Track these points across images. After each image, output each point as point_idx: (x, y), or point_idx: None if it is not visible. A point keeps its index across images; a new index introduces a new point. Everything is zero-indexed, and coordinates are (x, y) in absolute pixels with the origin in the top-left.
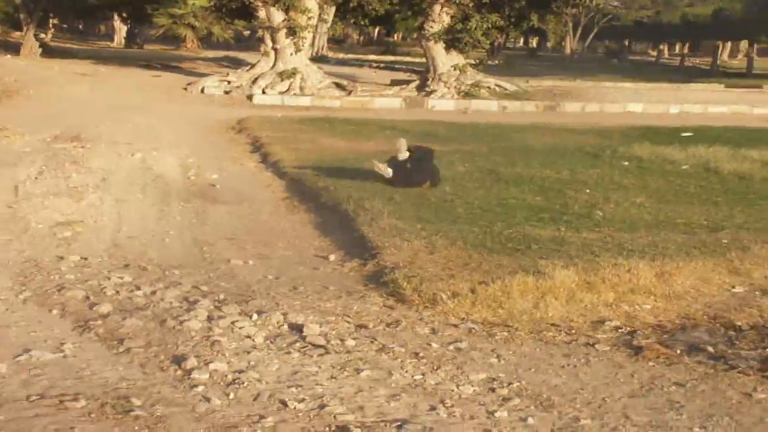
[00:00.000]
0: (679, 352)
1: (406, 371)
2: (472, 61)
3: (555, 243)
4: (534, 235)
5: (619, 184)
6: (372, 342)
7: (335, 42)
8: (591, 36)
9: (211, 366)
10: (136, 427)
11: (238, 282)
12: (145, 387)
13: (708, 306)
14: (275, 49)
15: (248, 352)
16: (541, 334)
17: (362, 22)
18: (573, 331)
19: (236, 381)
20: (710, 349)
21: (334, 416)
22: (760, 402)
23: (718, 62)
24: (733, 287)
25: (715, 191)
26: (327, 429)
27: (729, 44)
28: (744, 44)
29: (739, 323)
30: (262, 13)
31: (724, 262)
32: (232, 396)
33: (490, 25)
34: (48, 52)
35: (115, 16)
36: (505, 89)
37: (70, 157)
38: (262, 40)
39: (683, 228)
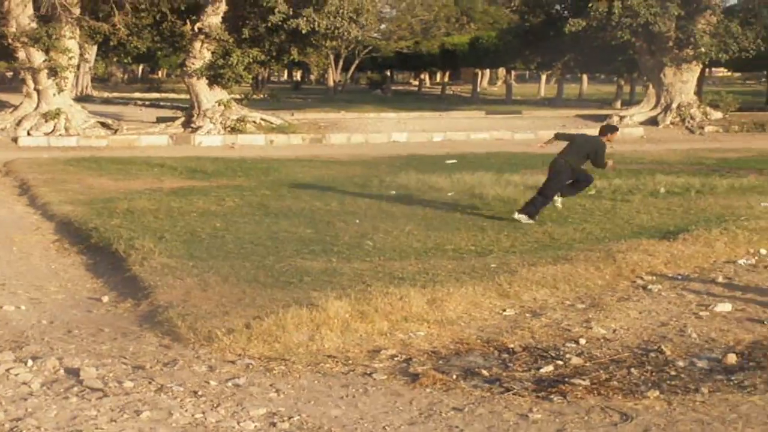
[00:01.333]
0: (455, 377)
1: (186, 410)
2: (237, 96)
3: (327, 274)
4: (306, 268)
5: (387, 213)
6: (150, 383)
7: (100, 81)
8: (353, 68)
9: None
10: None
11: (11, 328)
12: None
13: (481, 330)
14: (38, 90)
15: (25, 399)
16: (318, 366)
17: (125, 60)
18: (350, 362)
19: (14, 429)
20: (485, 372)
21: None
22: (536, 422)
23: (479, 90)
24: (504, 310)
25: (482, 217)
26: None
27: (488, 72)
28: (502, 71)
29: (512, 345)
30: (21, 54)
31: (494, 286)
32: None
33: (251, 60)
34: None
35: None
36: (271, 123)
37: None
38: (24, 81)
39: (452, 254)
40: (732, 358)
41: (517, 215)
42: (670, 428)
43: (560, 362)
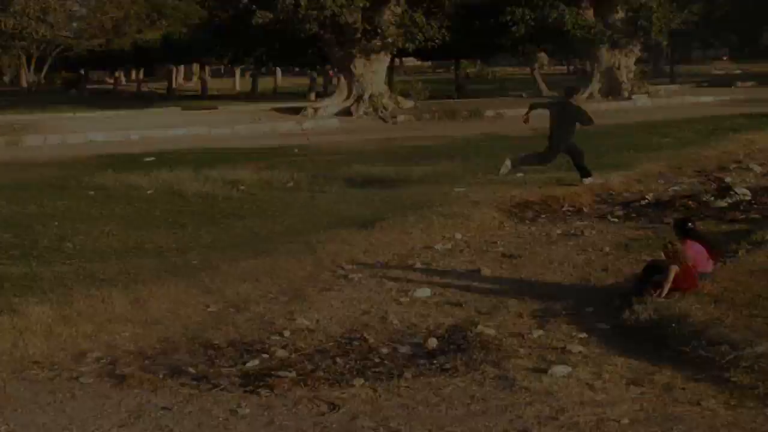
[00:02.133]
0: (162, 376)
1: None
2: None
3: (27, 279)
4: (5, 273)
5: (87, 215)
6: None
7: None
8: (46, 67)
9: None
10: None
11: None
12: None
13: (186, 327)
14: None
15: None
16: (24, 373)
17: None
18: (56, 367)
19: None
20: (192, 370)
21: None
22: (246, 417)
23: (174, 86)
24: (208, 306)
25: (182, 213)
26: None
27: (183, 68)
28: (196, 67)
29: (217, 341)
30: None
31: (197, 283)
32: None
33: None
34: None
35: None
36: None
37: None
38: None
39: (153, 253)
40: (433, 343)
41: (586, 181)
42: (377, 414)
43: (266, 356)
